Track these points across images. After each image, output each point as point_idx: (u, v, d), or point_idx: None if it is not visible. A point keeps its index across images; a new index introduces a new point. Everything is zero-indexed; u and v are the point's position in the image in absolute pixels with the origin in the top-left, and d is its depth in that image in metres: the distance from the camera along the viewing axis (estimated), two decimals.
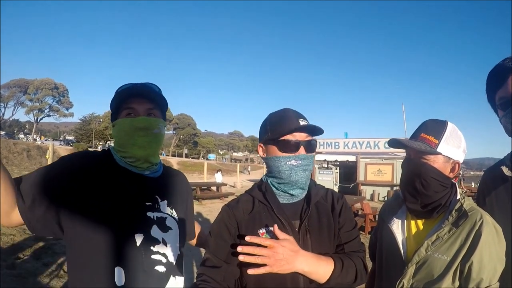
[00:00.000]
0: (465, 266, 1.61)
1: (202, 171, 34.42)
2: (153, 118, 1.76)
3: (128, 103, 1.73)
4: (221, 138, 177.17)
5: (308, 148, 1.66)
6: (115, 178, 1.68)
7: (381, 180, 27.10)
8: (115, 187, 1.66)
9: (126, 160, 1.75)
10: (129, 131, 1.70)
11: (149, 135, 1.73)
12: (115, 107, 1.77)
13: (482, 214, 1.68)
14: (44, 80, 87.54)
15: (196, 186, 20.90)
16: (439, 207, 1.76)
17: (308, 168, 1.67)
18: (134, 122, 1.71)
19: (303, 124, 1.64)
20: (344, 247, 1.72)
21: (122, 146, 1.74)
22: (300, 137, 1.65)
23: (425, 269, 1.71)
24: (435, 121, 1.83)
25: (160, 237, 1.69)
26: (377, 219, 2.18)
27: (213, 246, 1.67)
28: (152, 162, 1.81)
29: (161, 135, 1.80)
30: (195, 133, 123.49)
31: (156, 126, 1.75)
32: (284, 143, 1.65)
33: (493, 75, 1.75)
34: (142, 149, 1.72)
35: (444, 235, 1.69)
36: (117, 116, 1.77)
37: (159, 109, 1.81)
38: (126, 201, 1.64)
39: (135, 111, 1.73)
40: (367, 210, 12.80)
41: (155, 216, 1.71)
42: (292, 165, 1.65)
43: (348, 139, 29.77)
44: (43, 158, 31.26)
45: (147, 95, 1.76)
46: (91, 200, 1.59)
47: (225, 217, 1.70)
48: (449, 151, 1.75)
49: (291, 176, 1.66)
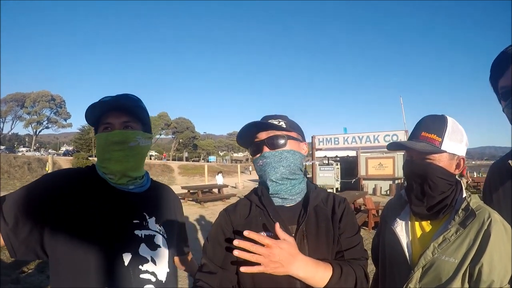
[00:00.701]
0: (475, 268, 1.54)
1: (203, 174, 34.44)
2: (129, 130, 1.71)
3: (105, 117, 1.69)
4: (221, 140, 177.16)
5: (270, 144, 1.62)
6: (100, 195, 1.64)
7: (382, 174, 27.11)
8: (101, 204, 1.61)
9: (106, 176, 1.70)
10: (105, 146, 1.66)
11: (125, 149, 1.68)
12: (94, 122, 1.72)
13: (490, 213, 1.62)
14: (41, 92, 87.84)
15: (197, 189, 20.94)
16: (445, 208, 1.69)
17: (277, 165, 1.62)
18: (109, 136, 1.66)
19: (260, 121, 1.63)
20: (344, 254, 1.64)
21: (101, 161, 1.71)
22: (262, 136, 1.64)
23: (432, 273, 1.64)
24: (433, 117, 1.76)
25: (149, 255, 1.66)
26: (379, 221, 2.12)
27: (210, 251, 1.64)
28: (131, 176, 1.76)
29: (140, 147, 1.75)
30: (194, 136, 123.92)
31: (132, 139, 1.70)
32: (251, 148, 1.69)
33: (496, 63, 1.68)
34: (119, 164, 1.68)
35: (451, 237, 1.62)
36: (97, 130, 1.72)
37: (138, 121, 1.77)
38: (112, 220, 1.60)
39: (111, 125, 1.69)
40: (369, 205, 12.77)
41: (143, 234, 1.68)
42: (260, 165, 1.65)
43: (347, 134, 29.82)
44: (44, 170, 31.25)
45: (122, 107, 1.70)
46: (76, 219, 1.54)
47: (222, 222, 1.68)
48: (453, 148, 1.68)
49: (263, 175, 1.66)
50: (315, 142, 29.88)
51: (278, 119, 1.67)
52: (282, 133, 1.63)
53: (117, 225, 1.61)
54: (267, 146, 1.63)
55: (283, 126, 1.63)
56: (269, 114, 1.72)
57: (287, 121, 1.69)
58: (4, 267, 7.06)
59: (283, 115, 1.72)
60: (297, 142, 1.69)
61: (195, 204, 19.06)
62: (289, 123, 1.68)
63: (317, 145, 30.00)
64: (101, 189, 1.67)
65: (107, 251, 1.55)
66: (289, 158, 1.63)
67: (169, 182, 42.63)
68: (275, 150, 1.62)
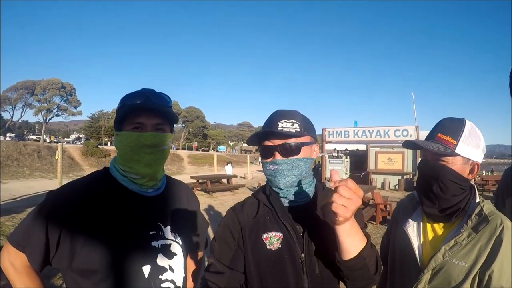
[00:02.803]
0: (485, 273, 1.53)
1: (212, 164, 34.41)
2: (161, 133, 1.66)
3: (136, 116, 1.62)
4: (231, 130, 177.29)
5: (284, 152, 1.58)
6: (116, 207, 1.61)
7: (391, 168, 27.06)
8: (118, 218, 1.58)
9: (129, 176, 1.66)
10: (135, 147, 1.61)
11: (156, 152, 1.65)
12: (120, 116, 1.65)
13: (502, 219, 1.62)
14: (51, 80, 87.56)
15: (206, 179, 20.94)
16: (458, 211, 1.68)
17: (289, 174, 1.59)
18: (141, 138, 1.60)
19: (279, 128, 1.57)
20: None
21: (126, 160, 1.65)
22: (275, 142, 1.59)
23: (442, 276, 1.64)
24: (452, 119, 1.74)
25: (167, 264, 1.65)
26: (390, 221, 2.11)
27: (217, 250, 1.65)
28: (158, 179, 1.74)
29: (168, 150, 1.72)
30: (204, 126, 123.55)
31: (164, 142, 1.66)
32: (262, 150, 1.65)
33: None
34: (148, 167, 1.65)
35: (463, 241, 1.62)
36: (122, 126, 1.65)
37: (168, 122, 1.71)
38: (130, 233, 1.58)
39: (143, 126, 1.62)
40: (378, 199, 12.69)
41: (160, 244, 1.66)
42: (271, 170, 1.61)
43: (358, 127, 29.67)
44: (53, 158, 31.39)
45: (157, 109, 1.64)
46: (94, 235, 1.52)
47: (229, 221, 1.68)
48: (468, 152, 1.66)
49: (272, 180, 1.63)
50: (325, 135, 29.79)
51: (292, 119, 1.60)
52: (296, 140, 1.59)
53: (136, 238, 1.60)
54: (280, 153, 1.59)
55: (298, 130, 1.58)
56: (282, 110, 1.66)
57: (301, 122, 1.62)
58: None
59: (295, 112, 1.66)
60: (310, 146, 1.65)
61: (204, 194, 19.07)
62: (303, 125, 1.62)
63: (327, 137, 29.89)
64: (117, 199, 1.63)
65: (128, 266, 1.54)
66: (301, 166, 1.61)
67: (178, 171, 42.76)
68: (288, 158, 1.58)
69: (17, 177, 25.07)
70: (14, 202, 13.80)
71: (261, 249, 1.58)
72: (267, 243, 1.58)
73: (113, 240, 1.54)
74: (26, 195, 15.78)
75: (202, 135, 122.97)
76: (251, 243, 1.61)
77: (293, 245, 1.57)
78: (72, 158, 37.06)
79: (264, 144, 1.63)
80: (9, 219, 10.22)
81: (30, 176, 26.78)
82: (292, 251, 1.56)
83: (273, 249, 1.57)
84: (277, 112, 1.66)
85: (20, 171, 28.30)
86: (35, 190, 17.32)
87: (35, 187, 18.55)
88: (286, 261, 1.56)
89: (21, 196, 15.29)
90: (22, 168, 29.57)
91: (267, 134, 1.60)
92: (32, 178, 25.79)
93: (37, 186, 19.03)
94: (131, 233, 1.59)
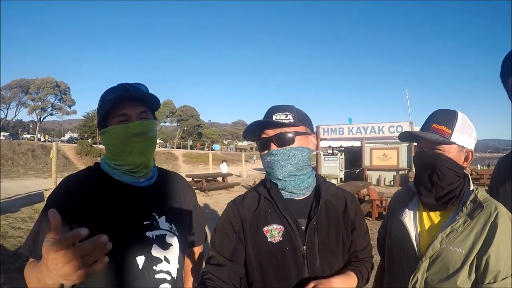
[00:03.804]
0: (482, 259, 1.56)
1: (207, 162, 34.40)
2: (147, 121, 1.68)
3: (119, 108, 1.63)
4: (225, 128, 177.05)
5: (278, 142, 1.60)
6: (109, 199, 1.62)
7: (386, 164, 27.25)
8: (111, 210, 1.59)
9: (122, 169, 1.67)
10: (125, 139, 1.61)
11: (146, 140, 1.66)
12: (104, 112, 1.65)
13: (497, 205, 1.64)
14: (45, 79, 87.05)
15: (201, 177, 20.96)
16: (454, 199, 1.71)
17: (285, 164, 1.60)
18: (129, 128, 1.61)
19: (273, 120, 1.59)
20: (359, 253, 1.74)
21: (117, 154, 1.66)
22: (269, 133, 1.61)
23: (440, 263, 1.66)
24: (444, 111, 1.78)
25: (162, 255, 1.65)
26: (386, 212, 2.13)
27: (218, 243, 1.66)
28: (150, 167, 1.75)
29: (156, 137, 1.74)
30: (199, 124, 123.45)
31: (151, 128, 1.68)
32: (259, 142, 1.67)
33: (508, 61, 1.69)
34: (141, 155, 1.66)
35: (459, 227, 1.65)
36: (107, 123, 1.66)
37: (150, 109, 1.73)
38: (123, 224, 1.59)
39: (128, 116, 1.63)
40: (373, 195, 12.76)
41: (154, 235, 1.66)
42: (268, 162, 1.63)
43: (352, 124, 29.81)
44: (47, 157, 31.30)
45: (138, 97, 1.67)
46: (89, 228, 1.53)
47: (230, 214, 1.69)
48: (462, 140, 1.70)
49: (270, 172, 1.65)
50: (319, 132, 29.88)
51: (285, 111, 1.62)
52: (290, 129, 1.60)
53: (129, 229, 1.60)
54: (275, 143, 1.60)
55: (291, 120, 1.60)
56: (276, 105, 1.69)
57: (295, 114, 1.64)
58: (8, 255, 7.12)
59: (290, 106, 1.68)
60: (305, 136, 1.66)
61: (199, 192, 19.03)
62: (297, 116, 1.64)
63: (322, 135, 30.00)
64: (110, 191, 1.64)
65: (122, 257, 1.54)
66: (297, 155, 1.62)
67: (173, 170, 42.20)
68: (283, 148, 1.60)
69: (11, 176, 24.94)
70: (8, 201, 13.74)
71: (262, 241, 1.59)
72: (268, 236, 1.59)
73: (106, 232, 1.52)
74: (21, 194, 15.74)
75: (197, 133, 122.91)
76: (252, 236, 1.61)
77: (294, 237, 1.58)
78: (66, 157, 37.04)
79: (260, 138, 1.65)
80: (3, 218, 10.18)
81: (24, 175, 26.67)
82: (293, 243, 1.58)
83: (274, 241, 1.58)
84: (272, 107, 1.68)
85: (15, 170, 28.21)
86: (30, 189, 17.25)
87: (29, 187, 18.48)
88: (287, 254, 1.57)
89: (15, 196, 15.23)
90: (16, 167, 29.52)
91: (262, 127, 1.62)
92: (27, 177, 25.68)
93: (32, 185, 18.97)
94: (124, 224, 1.59)
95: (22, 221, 10.33)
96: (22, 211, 11.69)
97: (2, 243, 7.76)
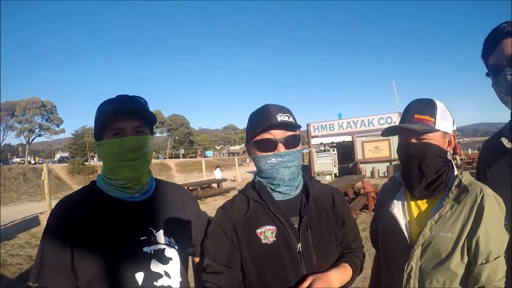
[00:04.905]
0: (472, 241, 1.60)
1: (201, 170, 34.23)
2: (142, 136, 1.64)
3: (115, 122, 1.60)
4: (216, 134, 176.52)
5: (287, 144, 1.61)
6: (104, 216, 1.60)
7: (379, 156, 27.32)
8: (106, 227, 1.57)
9: (116, 184, 1.65)
10: (119, 153, 1.59)
11: (140, 156, 1.63)
12: (100, 124, 1.63)
13: (482, 187, 1.68)
14: (31, 99, 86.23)
15: (196, 185, 20.86)
16: (440, 185, 1.75)
17: (291, 165, 1.63)
18: (123, 143, 1.59)
19: (279, 120, 1.59)
20: (351, 244, 1.79)
21: (112, 169, 1.63)
22: (277, 134, 1.61)
23: (432, 249, 1.69)
24: (421, 100, 1.82)
25: (162, 270, 1.63)
26: (375, 205, 2.16)
27: (212, 250, 1.65)
28: (144, 183, 1.72)
29: (151, 152, 1.70)
30: (190, 132, 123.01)
31: (146, 144, 1.65)
32: (262, 142, 1.63)
33: (487, 40, 1.72)
34: (134, 171, 1.63)
35: (447, 213, 1.68)
36: (102, 135, 1.64)
37: (147, 124, 1.71)
38: (120, 241, 1.57)
39: (123, 130, 1.61)
40: (368, 188, 12.79)
41: (152, 250, 1.63)
42: (273, 163, 1.62)
43: (342, 119, 29.96)
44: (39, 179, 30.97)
45: (134, 111, 1.64)
46: (87, 249, 1.52)
47: (221, 219, 1.68)
48: (445, 126, 1.75)
49: (274, 174, 1.63)
50: (310, 130, 29.96)
51: (287, 113, 1.64)
52: (295, 132, 1.65)
53: (126, 245, 1.58)
54: (284, 145, 1.61)
55: (295, 123, 1.64)
56: (274, 104, 1.69)
57: (293, 116, 1.67)
58: (9, 283, 7.08)
59: (285, 108, 1.69)
60: (301, 139, 1.71)
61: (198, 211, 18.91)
62: (294, 118, 1.67)
63: (313, 132, 30.06)
64: (105, 210, 1.62)
65: (120, 274, 1.53)
66: (299, 157, 1.67)
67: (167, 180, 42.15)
68: (291, 150, 1.62)
69: (4, 203, 24.58)
70: (4, 228, 13.58)
71: (257, 244, 1.60)
72: (262, 238, 1.60)
73: (103, 250, 1.53)
74: (16, 220, 15.52)
75: (188, 142, 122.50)
76: (246, 239, 1.61)
77: (289, 236, 1.59)
78: (59, 178, 36.56)
79: (264, 138, 1.63)
80: (1, 246, 10.05)
81: (17, 200, 26.25)
82: (288, 242, 1.59)
83: (269, 242, 1.59)
84: (272, 106, 1.68)
85: (7, 196, 27.77)
86: (25, 214, 17.03)
87: (24, 212, 18.26)
88: (283, 253, 1.58)
89: (10, 222, 15.01)
90: (8, 193, 29.11)
91: (269, 126, 1.60)
92: (20, 202, 25.28)
93: (26, 210, 18.75)
94: (121, 241, 1.57)
95: (20, 247, 10.21)
96: (19, 237, 11.56)
97: (1, 272, 7.69)
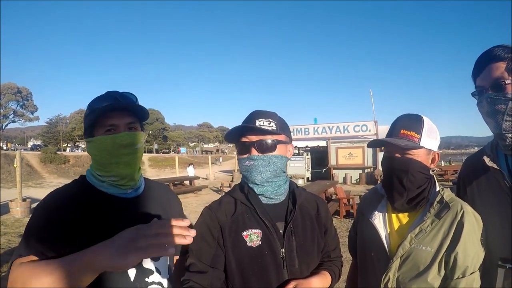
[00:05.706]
0: (451, 256, 1.65)
1: (174, 166, 34.06)
2: (135, 132, 1.64)
3: (107, 118, 1.58)
4: (191, 131, 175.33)
5: (259, 148, 1.63)
6: (97, 212, 1.56)
7: (352, 163, 27.60)
8: (98, 223, 1.54)
9: (108, 180, 1.63)
10: (112, 150, 1.58)
11: (133, 152, 1.62)
12: (91, 121, 1.60)
13: (462, 205, 1.73)
14: (6, 84, 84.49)
15: (168, 181, 20.72)
16: (422, 200, 1.80)
17: (264, 170, 1.64)
18: (116, 139, 1.57)
19: (257, 125, 1.62)
20: (331, 253, 1.85)
21: (104, 165, 1.62)
22: (252, 138, 1.64)
23: (410, 262, 1.73)
24: (409, 116, 1.86)
25: (153, 266, 1.63)
26: (356, 214, 2.21)
27: (196, 250, 1.64)
28: (136, 179, 1.71)
29: (142, 149, 1.70)
30: (164, 127, 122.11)
31: (139, 140, 1.65)
32: (239, 145, 1.69)
33: (477, 61, 1.76)
34: (128, 167, 1.63)
35: (427, 227, 1.72)
36: (93, 132, 1.62)
37: (138, 120, 1.70)
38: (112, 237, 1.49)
39: (116, 127, 1.59)
40: (340, 194, 12.96)
41: None
42: (247, 166, 1.66)
43: (317, 124, 30.10)
44: (11, 166, 30.31)
45: (127, 108, 1.63)
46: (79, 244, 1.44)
47: (208, 219, 1.68)
48: (430, 144, 1.79)
49: (248, 176, 1.68)
50: None
51: (269, 118, 1.66)
52: (272, 137, 1.64)
53: None
54: (256, 149, 1.63)
55: (274, 128, 1.64)
56: (259, 110, 1.71)
57: (277, 121, 1.68)
58: None
59: (273, 113, 1.72)
60: (285, 145, 1.71)
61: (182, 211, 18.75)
62: (279, 124, 1.68)
63: None
64: (97, 205, 1.59)
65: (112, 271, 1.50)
66: (276, 163, 1.66)
67: None
68: (264, 154, 1.63)
69: None
70: None
71: (242, 246, 1.61)
72: (248, 241, 1.62)
73: None
74: None
75: (162, 137, 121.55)
76: (231, 241, 1.63)
77: (273, 241, 1.62)
78: (30, 166, 35.89)
79: (241, 141, 1.67)
80: None
81: None
82: (273, 247, 1.61)
83: (254, 246, 1.61)
84: (256, 111, 1.71)
85: None
86: None
87: None
88: (267, 257, 1.61)
89: None
90: None
91: (245, 130, 1.64)
92: None
93: None
94: None
95: None
96: None
97: None
